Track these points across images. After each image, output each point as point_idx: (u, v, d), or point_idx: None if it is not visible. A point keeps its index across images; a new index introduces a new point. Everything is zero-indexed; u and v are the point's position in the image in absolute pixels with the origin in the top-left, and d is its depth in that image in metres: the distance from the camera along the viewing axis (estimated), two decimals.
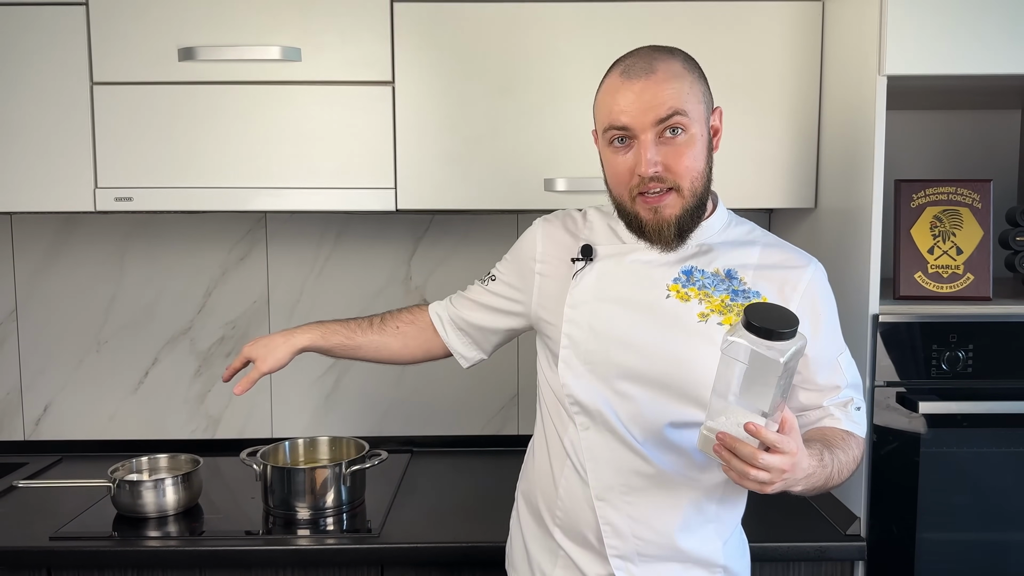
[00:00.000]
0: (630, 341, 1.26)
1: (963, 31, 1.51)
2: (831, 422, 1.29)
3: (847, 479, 1.26)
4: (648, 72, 1.21)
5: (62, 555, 1.61)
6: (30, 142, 1.76)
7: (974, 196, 1.63)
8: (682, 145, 1.21)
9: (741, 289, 1.26)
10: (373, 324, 1.56)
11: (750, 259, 1.29)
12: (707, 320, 1.24)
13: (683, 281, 1.27)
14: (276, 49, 1.71)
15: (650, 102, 1.19)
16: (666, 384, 1.25)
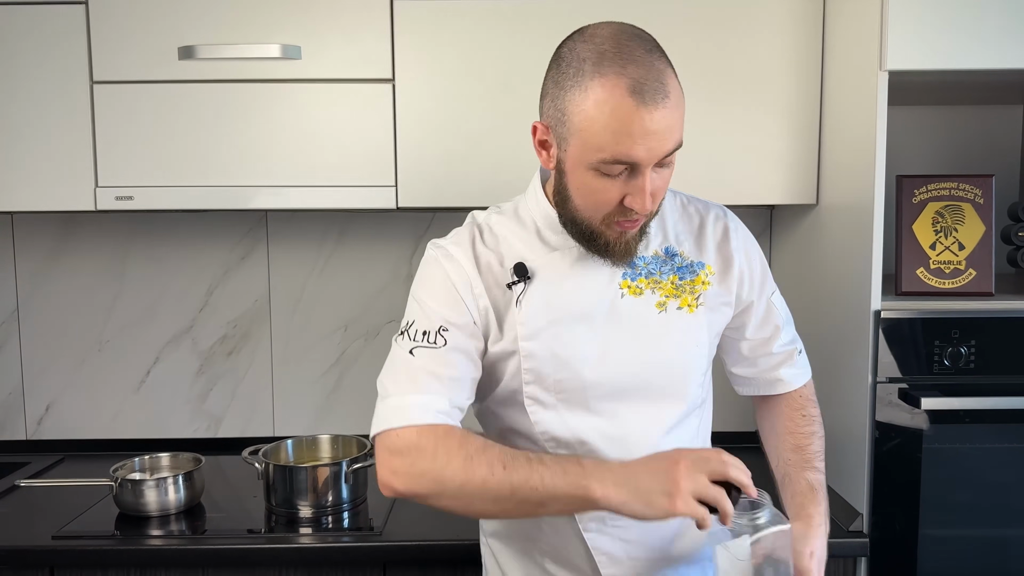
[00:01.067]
0: (599, 356, 1.16)
1: (965, 26, 1.50)
2: (781, 388, 1.33)
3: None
4: (663, 96, 1.03)
5: (64, 554, 1.61)
6: (30, 141, 1.75)
7: (976, 191, 1.63)
8: (667, 173, 1.10)
9: (686, 264, 1.22)
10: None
11: (678, 228, 1.24)
12: (666, 308, 1.19)
13: (631, 275, 1.18)
14: (276, 47, 1.71)
15: (665, 134, 1.04)
16: (647, 391, 1.19)
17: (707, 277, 1.22)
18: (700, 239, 1.25)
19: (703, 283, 1.22)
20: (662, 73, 1.04)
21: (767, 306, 1.30)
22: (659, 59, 1.06)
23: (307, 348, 2.16)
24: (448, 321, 1.17)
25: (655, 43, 1.08)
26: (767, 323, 1.30)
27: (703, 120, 1.76)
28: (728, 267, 1.24)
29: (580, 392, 1.18)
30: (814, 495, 1.24)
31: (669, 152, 1.06)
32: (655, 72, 1.03)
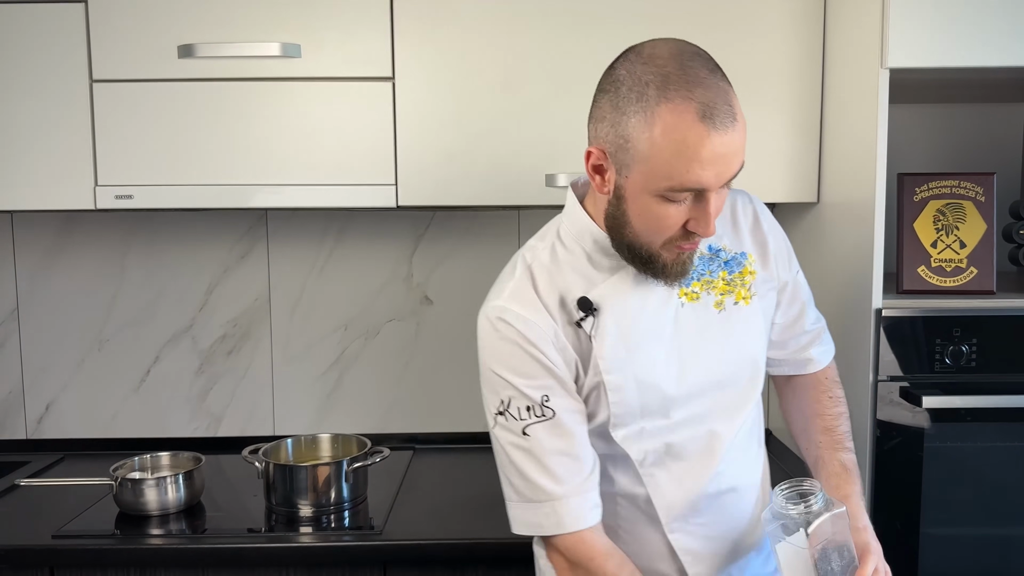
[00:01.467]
0: (679, 371, 1.17)
1: (966, 24, 1.50)
2: (811, 368, 1.34)
3: None
4: (732, 119, 1.00)
5: (65, 553, 1.60)
6: (30, 140, 1.75)
7: (977, 190, 1.63)
8: (726, 192, 1.09)
9: (731, 258, 1.23)
10: None
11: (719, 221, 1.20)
12: (724, 306, 1.21)
13: (685, 280, 1.18)
14: (276, 45, 1.71)
15: (733, 157, 1.02)
16: (724, 390, 1.22)
17: (751, 266, 1.23)
18: (736, 229, 1.25)
19: (750, 272, 1.23)
20: (727, 94, 1.01)
21: (795, 284, 1.30)
22: (722, 79, 1.03)
23: (307, 347, 2.16)
24: (547, 388, 1.13)
25: (713, 61, 1.04)
26: (795, 301, 1.31)
27: None
28: (765, 250, 1.25)
29: (662, 405, 1.18)
30: (848, 475, 1.25)
31: (736, 173, 1.05)
32: (722, 94, 1.01)
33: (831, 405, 1.33)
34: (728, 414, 1.23)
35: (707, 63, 1.03)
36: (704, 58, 1.03)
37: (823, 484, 1.23)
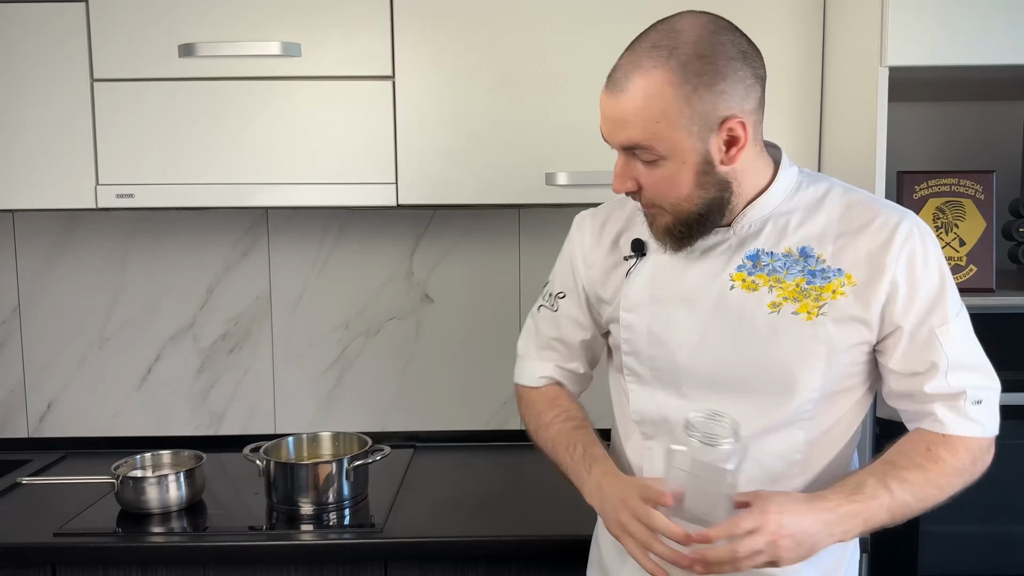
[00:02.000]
0: (697, 343, 1.15)
1: (966, 22, 1.50)
2: (929, 425, 1.13)
3: (958, 490, 1.12)
4: (620, 89, 1.06)
5: (66, 551, 1.61)
6: (31, 139, 1.76)
7: (977, 188, 1.63)
8: (656, 172, 1.09)
9: (819, 269, 1.11)
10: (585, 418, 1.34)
11: (828, 229, 1.12)
12: (779, 311, 1.11)
13: (749, 268, 1.13)
14: (276, 44, 1.71)
15: (616, 124, 1.08)
16: (743, 389, 1.14)
17: (842, 287, 1.10)
18: (850, 244, 1.12)
19: (834, 292, 1.10)
20: (636, 70, 1.06)
21: (927, 337, 1.11)
22: (653, 56, 1.05)
23: (308, 345, 2.16)
24: (565, 287, 1.32)
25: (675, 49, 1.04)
26: (920, 357, 1.11)
27: None
28: (875, 280, 1.10)
29: (673, 374, 1.18)
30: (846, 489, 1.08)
31: (624, 145, 1.09)
32: (633, 65, 1.06)
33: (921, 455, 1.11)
34: (743, 418, 1.10)
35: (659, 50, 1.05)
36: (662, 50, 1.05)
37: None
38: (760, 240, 1.14)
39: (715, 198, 1.11)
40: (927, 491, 1.11)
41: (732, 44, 1.07)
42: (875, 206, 1.14)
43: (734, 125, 1.07)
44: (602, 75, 1.77)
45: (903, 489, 1.09)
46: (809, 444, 1.16)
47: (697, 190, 1.10)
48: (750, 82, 1.08)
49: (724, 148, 1.08)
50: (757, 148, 1.14)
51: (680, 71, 1.04)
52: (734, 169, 1.10)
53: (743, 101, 1.07)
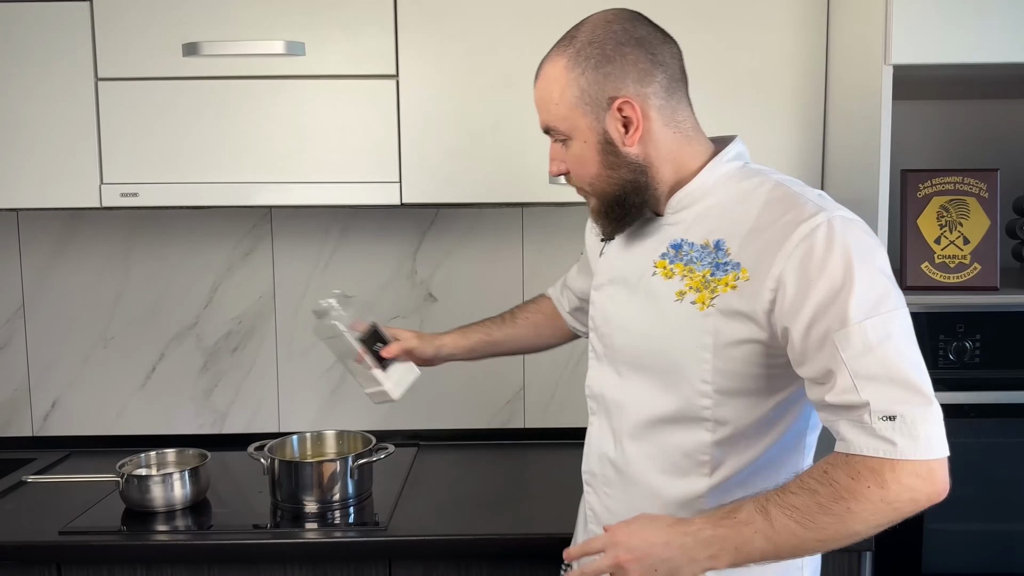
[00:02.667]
0: (624, 322, 1.21)
1: (970, 20, 1.50)
2: (841, 447, 1.01)
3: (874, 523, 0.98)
4: (536, 76, 1.19)
5: (71, 549, 1.61)
6: (35, 138, 1.76)
7: (981, 186, 1.63)
8: (569, 152, 1.19)
9: (724, 261, 1.10)
10: (506, 320, 1.65)
11: (743, 223, 1.10)
12: (683, 299, 1.12)
13: (671, 256, 1.16)
14: (280, 44, 1.71)
15: (539, 106, 1.20)
16: (651, 370, 1.17)
17: (735, 280, 1.08)
18: (755, 239, 1.09)
19: (727, 285, 1.09)
20: (546, 60, 1.18)
21: (821, 342, 1.01)
22: (558, 46, 1.17)
23: (311, 344, 2.16)
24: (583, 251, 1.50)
25: (575, 36, 1.16)
26: (816, 364, 1.02)
27: (707, 115, 1.75)
28: (763, 277, 1.06)
29: (612, 351, 1.24)
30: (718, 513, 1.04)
31: (543, 128, 1.19)
32: (546, 57, 1.19)
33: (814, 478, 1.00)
34: (646, 401, 1.17)
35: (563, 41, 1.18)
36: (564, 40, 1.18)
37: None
38: (684, 230, 1.17)
39: (629, 180, 1.16)
40: (818, 519, 0.97)
41: (625, 32, 1.13)
42: (793, 202, 1.08)
43: (622, 105, 1.12)
44: None
45: (785, 515, 0.98)
46: (717, 446, 1.14)
47: (606, 170, 1.16)
48: (644, 66, 1.13)
49: (623, 129, 1.14)
50: (679, 134, 1.17)
51: (575, 56, 1.14)
52: (645, 152, 1.15)
53: (636, 84, 1.12)
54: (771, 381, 1.12)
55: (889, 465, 0.97)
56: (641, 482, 1.20)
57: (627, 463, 1.21)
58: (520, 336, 1.63)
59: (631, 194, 1.16)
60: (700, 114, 1.76)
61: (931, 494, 1.00)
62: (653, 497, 1.18)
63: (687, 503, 1.16)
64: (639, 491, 1.20)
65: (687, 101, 1.19)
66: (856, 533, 0.98)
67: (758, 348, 1.09)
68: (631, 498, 1.21)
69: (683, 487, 1.16)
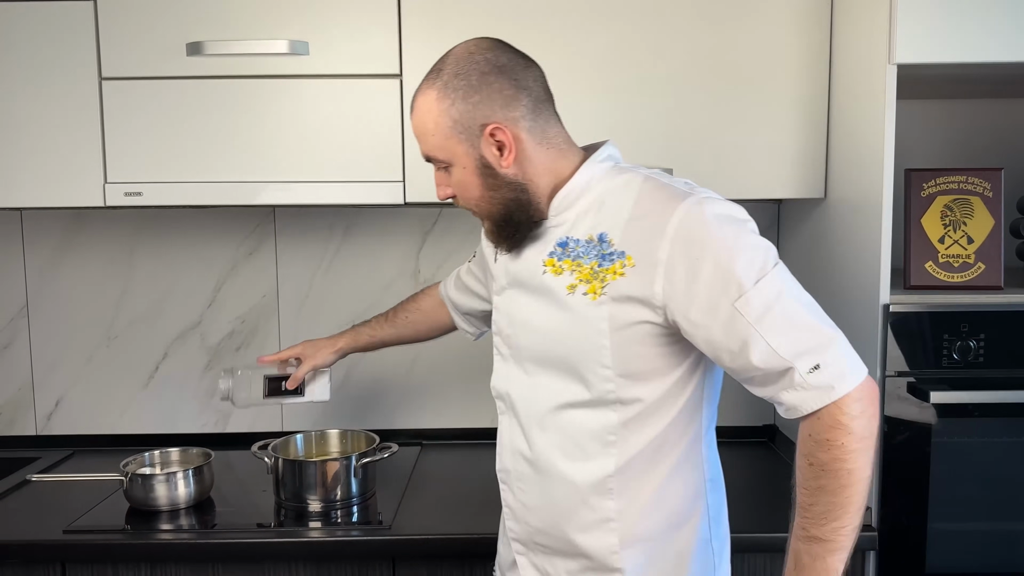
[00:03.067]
0: (527, 321, 1.26)
1: (974, 19, 1.50)
2: (788, 414, 1.12)
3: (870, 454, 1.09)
4: (412, 109, 1.24)
5: (76, 548, 1.62)
6: (39, 137, 1.76)
7: (985, 185, 1.63)
8: (451, 178, 1.24)
9: (609, 252, 1.17)
10: (388, 318, 1.78)
11: (621, 215, 1.17)
12: (575, 292, 1.18)
13: (558, 254, 1.22)
14: (284, 43, 1.71)
15: (419, 138, 1.24)
16: (551, 363, 1.23)
17: (622, 268, 1.15)
18: (634, 227, 1.16)
19: (615, 273, 1.15)
20: (418, 94, 1.22)
21: (728, 314, 1.09)
22: (427, 79, 1.22)
23: None
24: (476, 251, 1.60)
25: (442, 70, 1.20)
26: (730, 335, 1.10)
27: (710, 114, 1.76)
28: (650, 262, 1.13)
29: (518, 350, 1.29)
30: (790, 567, 1.14)
31: (426, 156, 1.24)
32: (418, 90, 1.23)
33: (810, 475, 1.10)
34: (551, 391, 1.24)
35: (431, 74, 1.22)
36: (432, 73, 1.22)
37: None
38: (568, 228, 1.23)
39: (512, 199, 1.22)
40: (841, 499, 1.09)
41: (487, 62, 1.19)
42: (663, 191, 1.17)
43: (494, 131, 1.18)
44: (607, 74, 1.78)
45: (824, 525, 1.10)
46: (623, 426, 1.20)
47: (488, 192, 1.22)
48: (510, 92, 1.19)
49: (497, 153, 1.20)
50: (551, 149, 1.23)
51: (443, 88, 1.19)
52: (523, 171, 1.21)
53: (504, 109, 1.18)
54: (668, 359, 1.19)
55: (837, 408, 1.08)
56: (552, 472, 1.25)
57: (537, 455, 1.26)
58: (401, 335, 1.77)
59: (516, 211, 1.23)
60: (704, 113, 1.77)
61: (876, 399, 1.11)
62: (566, 485, 1.24)
63: (597, 485, 1.22)
64: (551, 481, 1.25)
65: (556, 117, 1.25)
66: (867, 478, 1.09)
67: (651, 328, 1.16)
68: (544, 490, 1.26)
69: (593, 471, 1.22)
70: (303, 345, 1.78)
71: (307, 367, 1.75)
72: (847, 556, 1.11)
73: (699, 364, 1.21)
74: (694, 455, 1.24)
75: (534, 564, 1.31)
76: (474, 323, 1.69)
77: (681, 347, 1.18)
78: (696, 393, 1.22)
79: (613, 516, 1.22)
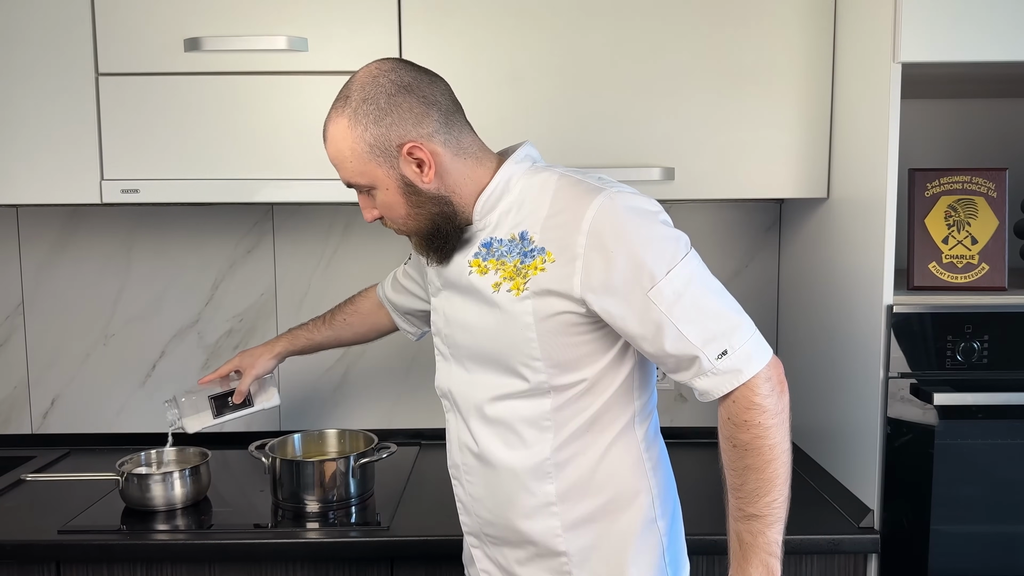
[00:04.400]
0: (462, 321, 1.29)
1: (978, 18, 1.49)
2: (702, 398, 1.19)
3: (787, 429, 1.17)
4: (325, 139, 1.25)
5: (71, 548, 1.60)
6: (35, 134, 1.75)
7: (989, 185, 1.62)
8: (376, 200, 1.25)
9: (530, 249, 1.21)
10: (325, 321, 1.78)
11: (539, 212, 1.21)
12: (499, 289, 1.23)
13: (483, 254, 1.26)
14: (283, 39, 1.70)
15: (335, 164, 1.25)
16: (487, 359, 1.27)
17: (543, 263, 1.19)
18: (551, 223, 1.20)
19: (536, 268, 1.20)
20: (329, 122, 1.23)
21: (642, 303, 1.15)
22: (335, 108, 1.22)
23: None
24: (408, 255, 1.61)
25: (349, 96, 1.21)
26: (643, 322, 1.16)
27: (713, 113, 1.75)
28: (568, 255, 1.17)
29: (455, 349, 1.32)
30: (739, 557, 1.19)
31: (347, 182, 1.25)
32: (328, 119, 1.24)
33: (735, 457, 1.17)
34: (485, 386, 1.28)
35: (338, 101, 1.22)
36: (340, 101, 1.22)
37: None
38: (491, 229, 1.26)
39: (437, 213, 1.25)
40: (768, 475, 1.16)
41: (392, 84, 1.20)
42: (578, 188, 1.21)
43: (411, 149, 1.20)
44: (608, 72, 1.77)
45: (757, 501, 1.17)
46: (557, 411, 1.25)
47: (413, 209, 1.24)
48: (419, 110, 1.21)
49: (418, 170, 1.21)
50: (469, 159, 1.25)
51: (353, 115, 1.20)
52: (443, 184, 1.23)
53: (416, 127, 1.20)
54: (594, 344, 1.23)
55: (748, 389, 1.15)
56: (495, 462, 1.28)
57: (481, 448, 1.30)
58: (339, 337, 1.77)
59: (443, 224, 1.26)
60: (706, 112, 1.76)
61: (782, 375, 1.19)
62: (507, 473, 1.27)
63: (535, 469, 1.26)
64: (495, 471, 1.29)
65: (468, 127, 1.28)
66: (787, 449, 1.17)
67: (574, 318, 1.20)
68: (489, 480, 1.30)
69: (532, 456, 1.26)
70: (239, 357, 1.76)
71: (249, 379, 1.73)
72: (783, 527, 1.18)
73: (628, 349, 1.25)
74: (629, 436, 1.28)
75: (488, 555, 1.36)
76: (414, 323, 1.69)
77: (605, 333, 1.23)
78: (629, 376, 1.26)
79: (554, 500, 1.26)
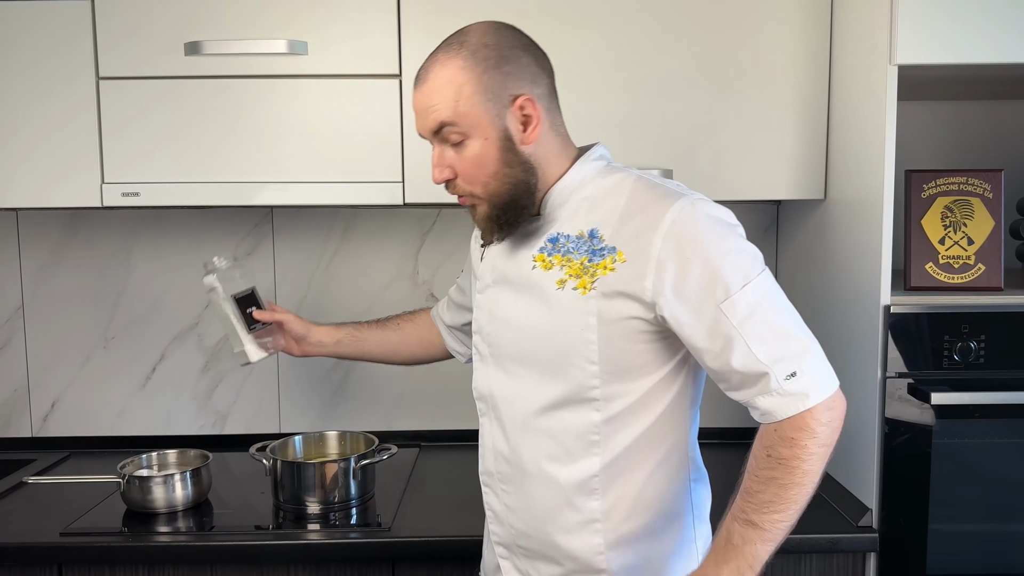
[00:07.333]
0: (511, 319, 1.25)
1: (974, 20, 1.50)
2: (760, 419, 1.15)
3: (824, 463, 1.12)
4: (422, 81, 1.20)
5: (72, 551, 1.61)
6: (36, 137, 1.75)
7: (985, 186, 1.63)
8: (464, 153, 1.19)
9: (600, 248, 1.17)
10: (380, 323, 1.72)
11: (613, 212, 1.18)
12: (564, 287, 1.18)
13: (548, 249, 1.22)
14: (283, 43, 1.71)
15: (423, 112, 1.20)
16: (538, 361, 1.22)
17: (613, 263, 1.16)
18: (626, 224, 1.16)
19: (605, 268, 1.16)
20: (434, 61, 1.19)
21: (713, 314, 1.11)
22: (445, 51, 1.19)
23: None
24: (464, 270, 1.57)
25: (465, 41, 1.19)
26: (713, 334, 1.12)
27: (710, 115, 1.76)
28: (642, 258, 1.14)
29: (499, 348, 1.28)
30: (720, 552, 1.14)
31: (432, 131, 1.19)
32: (429, 61, 1.20)
33: (766, 466, 1.13)
34: (533, 391, 1.23)
35: (450, 45, 1.19)
36: (453, 44, 1.19)
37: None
38: (560, 224, 1.23)
39: (522, 180, 1.20)
40: (790, 495, 1.11)
41: (514, 37, 1.21)
42: (655, 191, 1.18)
43: (524, 103, 1.18)
44: (608, 73, 1.77)
45: (765, 514, 1.12)
46: (606, 424, 1.20)
47: (503, 168, 1.19)
48: (535, 70, 1.20)
49: (521, 127, 1.19)
50: (558, 138, 1.24)
51: (470, 57, 1.17)
52: (536, 152, 1.20)
53: (531, 85, 1.19)
54: (654, 355, 1.19)
55: (810, 414, 1.10)
56: (536, 473, 1.24)
57: (520, 457, 1.25)
58: (387, 340, 1.69)
59: (522, 195, 1.21)
60: (703, 113, 1.77)
61: (843, 412, 1.14)
62: (550, 486, 1.23)
63: (582, 485, 1.22)
64: (535, 483, 1.24)
65: (560, 109, 1.26)
66: (816, 482, 1.13)
67: (640, 324, 1.16)
68: (527, 491, 1.26)
69: (577, 471, 1.21)
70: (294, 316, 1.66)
71: (278, 316, 1.62)
72: (774, 549, 1.13)
73: (684, 364, 1.21)
74: (679, 455, 1.24)
75: (517, 568, 1.32)
76: (464, 341, 1.65)
77: (667, 344, 1.19)
78: (682, 393, 1.22)
79: (598, 517, 1.22)
